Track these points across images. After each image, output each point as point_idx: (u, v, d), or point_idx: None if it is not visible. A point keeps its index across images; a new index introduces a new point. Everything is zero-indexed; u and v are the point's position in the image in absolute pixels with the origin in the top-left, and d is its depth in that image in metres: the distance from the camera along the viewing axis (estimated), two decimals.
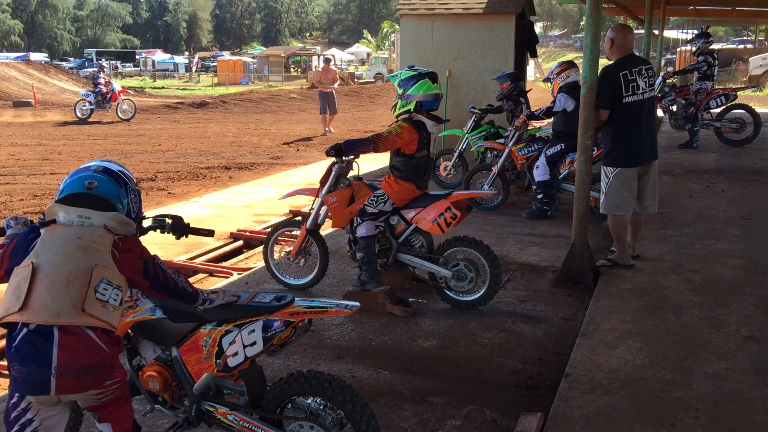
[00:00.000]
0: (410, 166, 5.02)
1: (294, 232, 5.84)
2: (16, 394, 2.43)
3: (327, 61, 20.72)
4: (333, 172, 5.28)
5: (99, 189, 2.60)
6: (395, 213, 5.16)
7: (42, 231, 2.52)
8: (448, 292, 5.17)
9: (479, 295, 5.09)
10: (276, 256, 5.78)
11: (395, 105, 5.07)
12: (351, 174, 5.35)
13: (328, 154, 5.04)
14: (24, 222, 2.76)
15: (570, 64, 7.93)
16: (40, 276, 2.40)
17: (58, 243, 2.47)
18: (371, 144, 4.90)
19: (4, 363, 3.50)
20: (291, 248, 5.61)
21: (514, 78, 9.01)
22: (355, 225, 5.15)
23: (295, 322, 2.85)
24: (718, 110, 12.26)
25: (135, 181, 2.81)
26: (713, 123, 12.31)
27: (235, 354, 2.84)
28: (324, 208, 5.43)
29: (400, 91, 5.00)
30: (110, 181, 2.65)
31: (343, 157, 5.15)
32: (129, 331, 3.07)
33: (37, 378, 2.36)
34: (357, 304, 2.89)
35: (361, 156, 5.21)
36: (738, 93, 12.45)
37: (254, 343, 2.82)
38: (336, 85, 18.73)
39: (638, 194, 5.68)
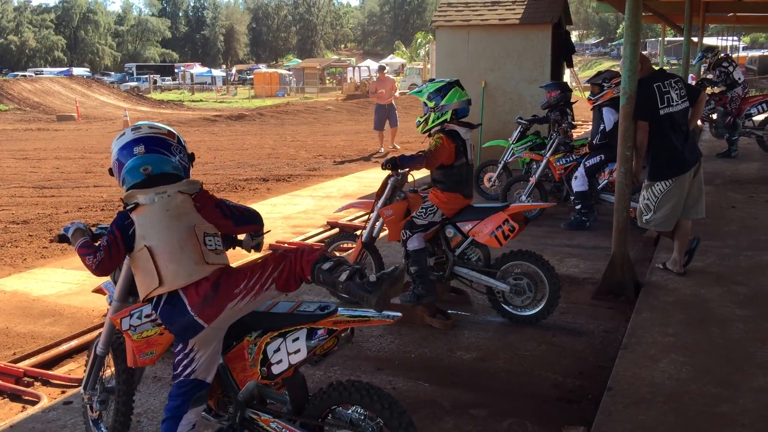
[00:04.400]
0: (452, 176, 5.02)
1: (347, 245, 5.81)
2: (180, 344, 2.86)
3: (382, 69, 18.43)
4: (389, 185, 5.24)
5: (155, 170, 2.90)
6: (451, 225, 5.13)
7: (133, 216, 2.85)
8: (506, 307, 5.10)
9: (538, 310, 5.02)
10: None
11: (426, 119, 5.08)
12: (406, 187, 5.34)
13: (384, 167, 5.05)
14: (79, 228, 3.10)
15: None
16: (157, 253, 2.81)
17: (155, 221, 2.85)
18: (424, 160, 4.91)
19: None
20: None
21: (563, 88, 8.90)
22: (404, 238, 5.10)
23: (338, 330, 2.89)
24: (761, 117, 12.02)
25: (167, 130, 3.05)
26: (755, 131, 12.07)
27: (280, 362, 2.89)
28: (380, 221, 5.40)
29: (431, 104, 5.03)
30: (157, 156, 2.93)
31: (398, 171, 5.15)
32: None
33: (187, 323, 2.81)
34: (399, 314, 2.91)
35: None
36: None
37: (298, 351, 2.86)
38: (397, 94, 17.04)
39: (684, 200, 5.65)
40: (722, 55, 12.08)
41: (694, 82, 12.18)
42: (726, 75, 11.73)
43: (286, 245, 8.03)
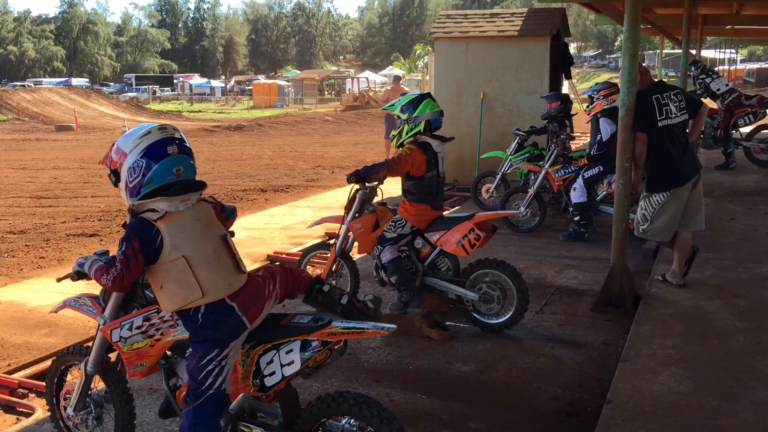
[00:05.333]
0: (422, 187, 5.06)
1: (325, 254, 5.87)
2: (214, 352, 2.78)
3: (397, 79, 17.88)
4: (357, 199, 5.33)
5: (186, 172, 2.85)
6: (420, 236, 5.17)
7: (161, 225, 2.74)
8: (476, 315, 5.16)
9: (507, 317, 5.08)
10: None
11: (400, 132, 5.12)
12: (375, 200, 5.40)
13: (349, 180, 5.10)
14: (95, 259, 3.02)
15: (617, 88, 7.86)
16: (194, 263, 2.76)
17: (186, 230, 2.79)
18: (386, 167, 4.97)
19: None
20: (321, 271, 5.65)
21: (564, 99, 8.92)
22: (377, 253, 5.16)
23: (332, 342, 2.86)
24: (748, 129, 12.04)
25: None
26: (742, 143, 12.07)
27: (273, 374, 2.87)
28: (351, 234, 5.46)
29: (404, 117, 5.08)
30: (187, 158, 2.87)
31: (366, 183, 5.19)
32: (167, 351, 3.11)
33: (233, 324, 2.80)
34: (394, 326, 2.89)
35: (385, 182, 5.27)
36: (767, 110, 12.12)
37: (292, 363, 2.84)
38: None
39: (683, 212, 5.64)
40: (703, 67, 12.12)
41: None
42: (705, 87, 11.76)
43: (284, 256, 8.00)
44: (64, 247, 8.79)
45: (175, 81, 68.15)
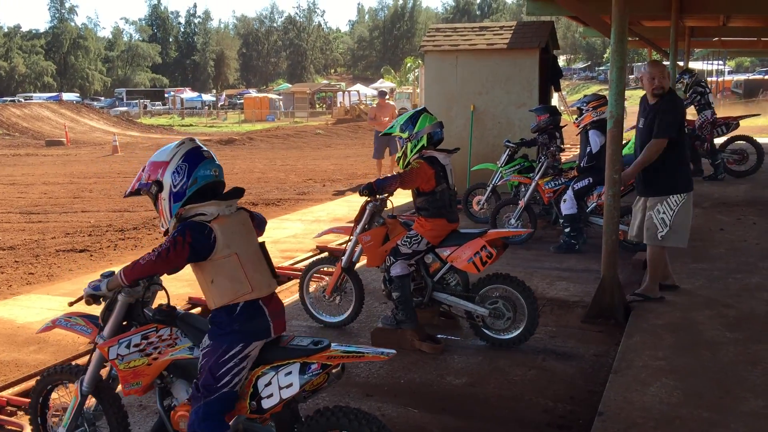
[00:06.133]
0: (434, 202, 5.03)
1: (328, 269, 5.82)
2: (238, 347, 2.88)
3: (382, 94, 16.35)
4: (367, 211, 5.29)
5: (220, 174, 3.03)
6: (430, 251, 5.13)
7: (214, 225, 2.89)
8: (486, 331, 5.10)
9: (517, 333, 5.02)
10: (311, 292, 5.78)
11: (404, 151, 5.11)
12: (385, 212, 5.36)
13: (361, 193, 5.06)
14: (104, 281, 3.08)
15: (606, 100, 7.90)
16: (243, 261, 2.93)
17: (237, 232, 2.96)
18: (398, 180, 4.95)
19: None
20: (326, 285, 5.60)
21: (552, 111, 8.96)
22: (388, 264, 5.11)
23: (331, 366, 2.85)
24: (721, 140, 12.15)
25: None
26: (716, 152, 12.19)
27: (270, 396, 2.86)
28: (359, 246, 5.42)
29: (405, 135, 5.08)
30: (217, 163, 3.04)
31: (377, 196, 5.16)
32: (163, 371, 3.09)
33: (262, 326, 2.95)
34: (393, 351, 2.91)
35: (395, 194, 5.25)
36: (740, 122, 12.27)
37: (290, 385, 2.83)
38: None
39: None
40: (697, 78, 12.23)
41: None
42: (701, 96, 11.86)
43: (285, 271, 7.98)
44: (53, 263, 8.74)
45: (166, 95, 68.16)
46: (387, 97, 15.95)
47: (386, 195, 5.23)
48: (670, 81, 5.74)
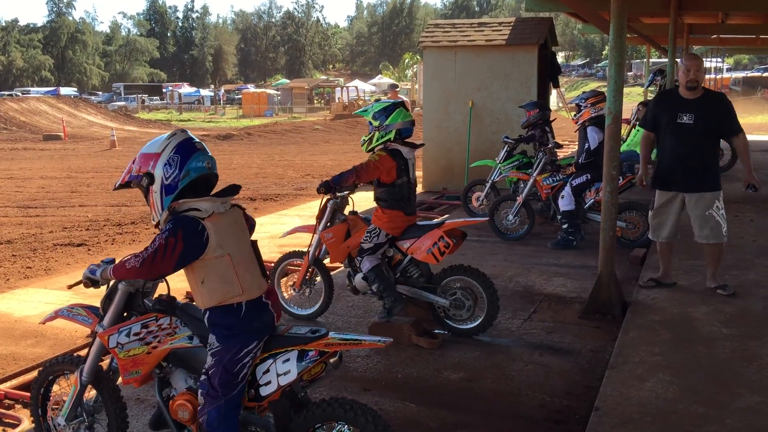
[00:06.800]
0: (393, 194, 5.08)
1: (299, 262, 5.88)
2: (255, 342, 2.89)
3: (394, 87, 16.30)
4: (328, 209, 5.37)
5: (213, 166, 2.96)
6: (391, 245, 5.20)
7: (207, 223, 2.83)
8: (448, 321, 5.21)
9: (478, 322, 5.13)
10: (282, 286, 5.87)
11: (370, 138, 5.14)
12: (347, 209, 5.44)
13: (318, 191, 5.12)
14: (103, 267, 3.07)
15: (604, 97, 7.90)
16: (235, 262, 2.88)
17: (229, 231, 2.90)
18: (354, 173, 4.99)
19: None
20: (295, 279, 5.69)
21: (541, 106, 8.99)
22: (357, 264, 5.20)
23: (329, 354, 2.86)
24: None
25: None
26: None
27: (268, 383, 2.88)
28: (323, 244, 5.49)
29: (376, 123, 5.10)
30: (210, 155, 2.98)
31: (337, 193, 5.23)
32: (162, 362, 3.10)
33: (269, 320, 2.96)
34: (390, 339, 2.93)
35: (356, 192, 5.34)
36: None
37: (288, 372, 2.85)
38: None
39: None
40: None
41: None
42: None
43: (272, 265, 7.98)
44: (51, 257, 8.74)
45: (164, 90, 67.94)
46: (398, 89, 15.65)
47: (346, 192, 5.31)
48: (704, 76, 5.80)
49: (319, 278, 5.70)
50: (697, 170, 5.54)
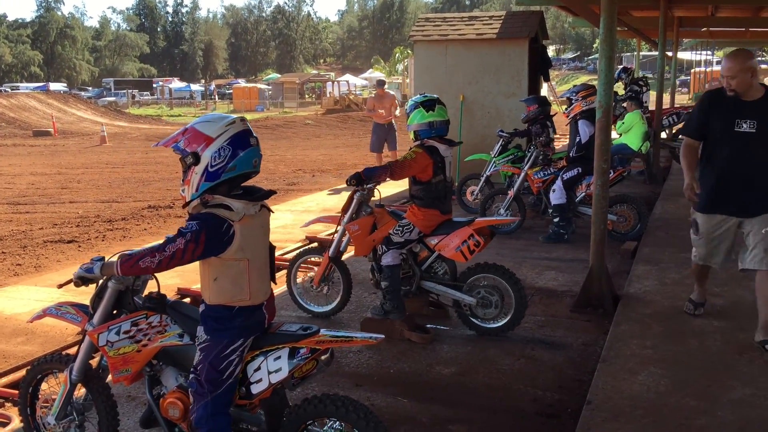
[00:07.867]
0: (429, 192, 5.00)
1: (315, 259, 5.82)
2: (241, 339, 2.88)
3: (381, 84, 15.08)
4: (354, 200, 5.26)
5: (258, 164, 2.91)
6: (419, 241, 5.12)
7: (237, 226, 2.79)
8: (474, 320, 5.11)
9: (505, 321, 5.04)
10: (299, 283, 5.77)
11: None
12: (372, 201, 5.34)
13: (348, 183, 5.03)
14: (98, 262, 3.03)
15: (595, 90, 7.88)
16: (251, 268, 2.87)
17: (255, 235, 2.89)
18: (388, 171, 4.91)
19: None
20: (314, 275, 5.60)
21: (542, 102, 8.96)
22: (380, 253, 5.10)
23: (320, 351, 2.85)
24: (673, 130, 12.23)
25: None
26: (668, 144, 12.23)
27: (259, 381, 2.87)
28: (346, 236, 5.40)
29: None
30: (260, 152, 2.92)
31: (364, 185, 5.13)
32: (152, 360, 3.08)
33: (259, 319, 2.95)
34: (381, 336, 2.93)
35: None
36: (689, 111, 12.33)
37: (279, 370, 2.84)
38: (397, 113, 13.73)
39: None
40: (638, 75, 12.43)
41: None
42: (636, 93, 11.93)
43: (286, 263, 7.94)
44: (41, 254, 8.69)
45: (154, 85, 67.69)
46: (385, 86, 14.85)
47: (373, 184, 5.19)
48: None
49: (336, 274, 5.58)
50: (760, 189, 4.55)
